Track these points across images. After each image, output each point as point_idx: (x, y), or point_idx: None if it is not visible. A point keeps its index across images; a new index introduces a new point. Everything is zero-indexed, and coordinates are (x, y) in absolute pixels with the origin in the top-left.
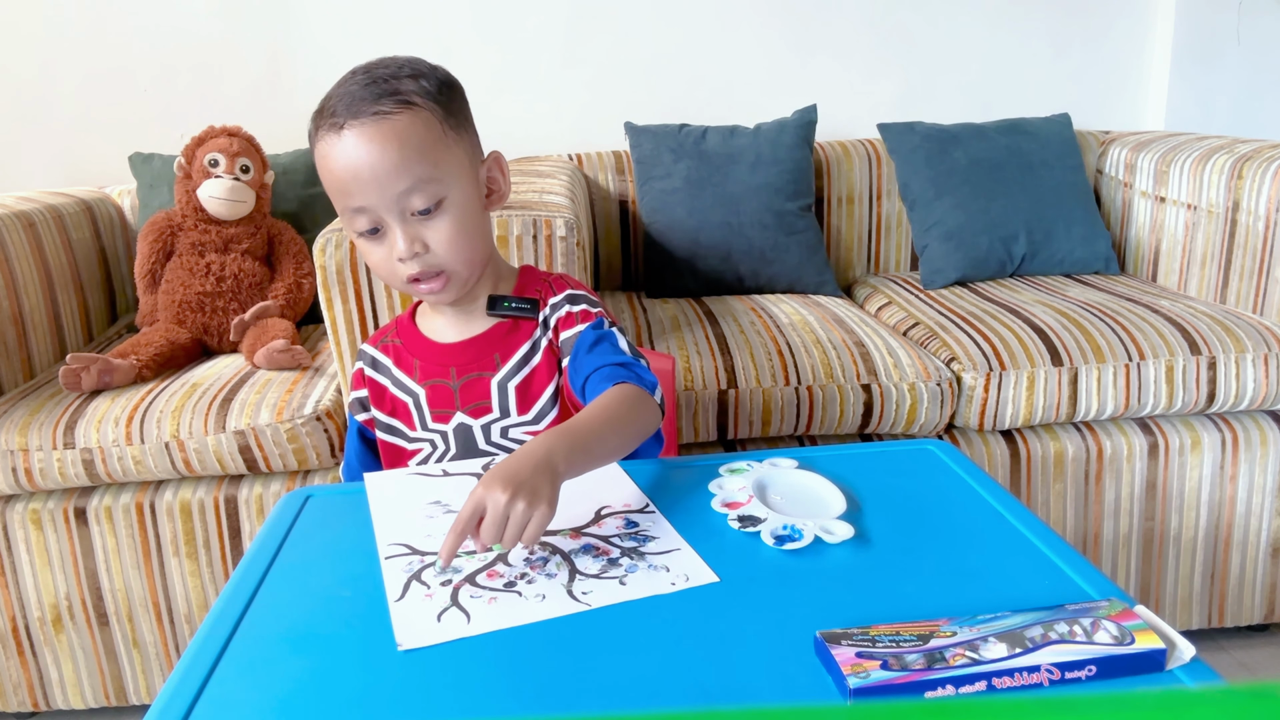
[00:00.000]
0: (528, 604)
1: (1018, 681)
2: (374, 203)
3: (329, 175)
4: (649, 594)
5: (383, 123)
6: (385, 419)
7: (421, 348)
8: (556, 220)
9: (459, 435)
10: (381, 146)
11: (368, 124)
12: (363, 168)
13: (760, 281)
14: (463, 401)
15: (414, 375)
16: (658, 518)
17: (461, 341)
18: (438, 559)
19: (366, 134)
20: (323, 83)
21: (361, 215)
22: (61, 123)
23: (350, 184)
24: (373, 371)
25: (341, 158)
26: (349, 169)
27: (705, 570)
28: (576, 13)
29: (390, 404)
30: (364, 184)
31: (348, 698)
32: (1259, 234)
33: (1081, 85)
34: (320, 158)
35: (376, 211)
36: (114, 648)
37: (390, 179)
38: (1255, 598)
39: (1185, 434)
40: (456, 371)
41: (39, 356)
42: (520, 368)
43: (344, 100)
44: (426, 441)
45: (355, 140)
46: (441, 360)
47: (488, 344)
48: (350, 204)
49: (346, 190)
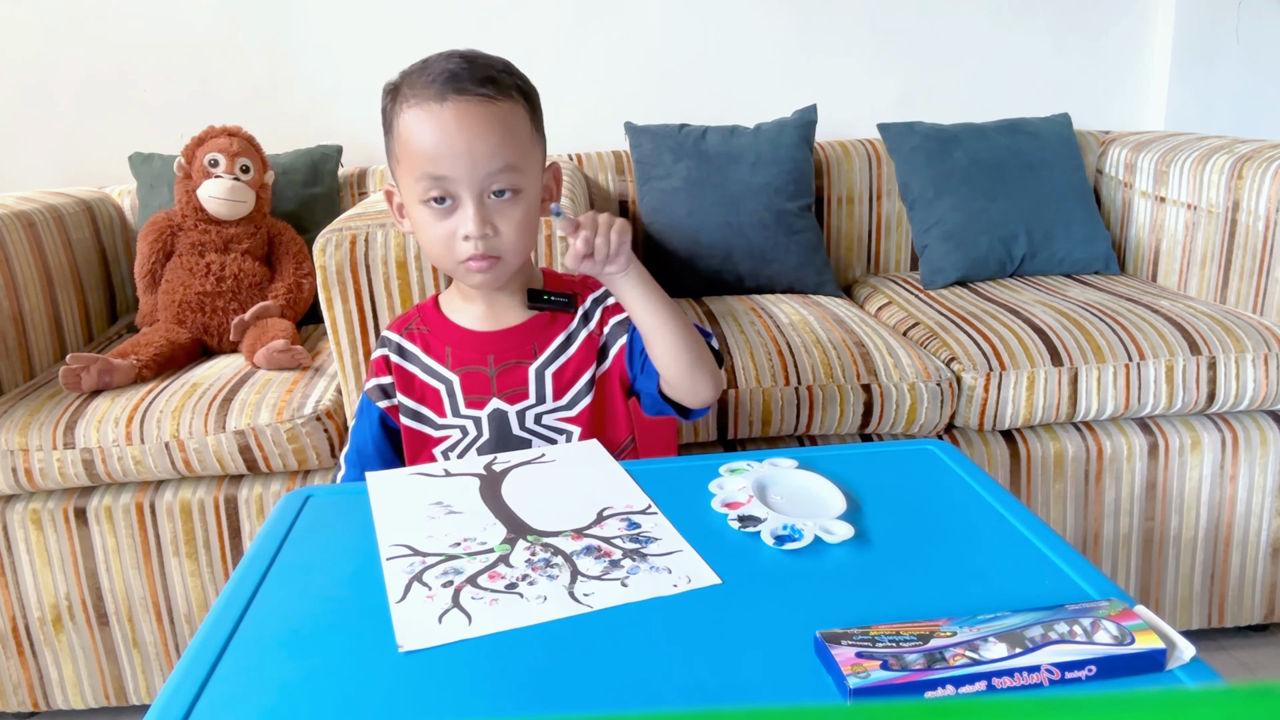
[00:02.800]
0: (529, 605)
1: (1018, 681)
2: (459, 176)
3: (417, 140)
4: (651, 596)
5: (489, 104)
6: (413, 405)
7: (454, 335)
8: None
9: (493, 421)
10: (486, 126)
11: (474, 102)
12: (459, 141)
13: (760, 281)
14: (499, 388)
15: (446, 362)
16: (659, 519)
17: (499, 330)
18: (555, 206)
19: (471, 112)
20: (322, 83)
21: (439, 184)
22: (61, 123)
23: (443, 153)
24: (399, 359)
25: (439, 128)
26: (444, 140)
27: (707, 572)
28: (576, 13)
29: (419, 390)
30: (456, 156)
31: (347, 698)
32: (1259, 234)
33: (1081, 85)
34: (408, 123)
35: (456, 186)
36: (114, 648)
37: (483, 159)
38: (1255, 598)
39: (1185, 434)
40: (494, 359)
41: (39, 356)
42: (556, 357)
43: (444, 75)
44: (456, 428)
45: (458, 113)
46: (478, 347)
47: (526, 334)
48: (433, 170)
49: (434, 158)
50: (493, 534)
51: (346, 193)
